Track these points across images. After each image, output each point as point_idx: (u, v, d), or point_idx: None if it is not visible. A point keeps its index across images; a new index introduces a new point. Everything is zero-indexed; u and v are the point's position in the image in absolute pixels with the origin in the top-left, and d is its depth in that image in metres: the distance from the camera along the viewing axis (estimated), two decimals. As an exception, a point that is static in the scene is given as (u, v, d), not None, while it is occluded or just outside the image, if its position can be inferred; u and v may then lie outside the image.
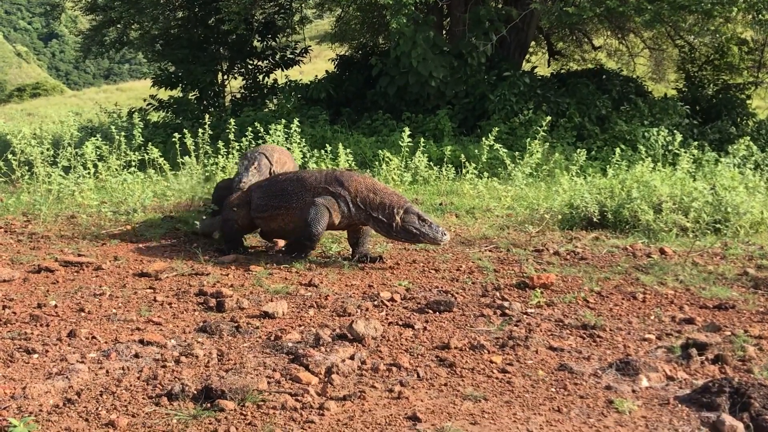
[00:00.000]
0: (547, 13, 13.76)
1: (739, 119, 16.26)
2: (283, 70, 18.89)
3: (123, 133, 11.10)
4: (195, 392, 3.86)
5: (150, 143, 11.18)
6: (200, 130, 10.89)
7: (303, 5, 20.16)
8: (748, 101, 17.39)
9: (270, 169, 8.17)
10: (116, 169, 10.68)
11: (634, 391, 4.10)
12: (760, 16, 11.90)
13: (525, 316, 5.44)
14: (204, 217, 8.51)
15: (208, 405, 3.75)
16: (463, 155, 11.44)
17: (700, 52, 18.71)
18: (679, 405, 3.92)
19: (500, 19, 14.79)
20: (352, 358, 4.49)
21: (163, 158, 10.10)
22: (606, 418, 3.74)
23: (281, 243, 7.75)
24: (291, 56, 19.17)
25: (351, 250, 7.33)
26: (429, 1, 14.36)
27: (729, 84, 17.64)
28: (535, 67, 18.39)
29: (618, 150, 11.03)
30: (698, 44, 19.07)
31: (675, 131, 11.47)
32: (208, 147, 10.70)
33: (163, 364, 4.34)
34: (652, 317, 5.46)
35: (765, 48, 17.90)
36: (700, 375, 4.37)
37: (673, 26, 18.71)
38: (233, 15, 15.05)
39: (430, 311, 5.52)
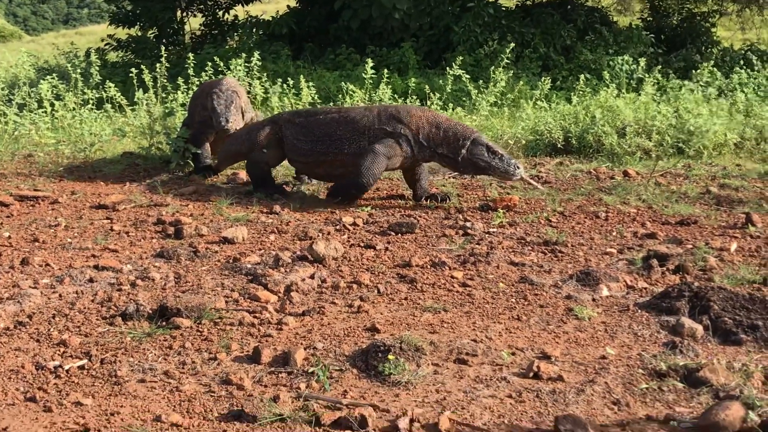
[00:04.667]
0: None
1: (703, 48, 16.20)
2: (243, 5, 18.45)
3: (79, 71, 10.80)
4: (150, 312, 3.79)
5: (108, 81, 10.90)
6: (158, 65, 10.62)
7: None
8: (712, 29, 17.33)
9: (242, 109, 7.81)
10: (73, 108, 10.42)
11: (594, 299, 4.10)
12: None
13: (487, 235, 5.41)
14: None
15: (164, 323, 3.69)
16: (427, 87, 11.29)
17: (665, -19, 18.53)
18: (639, 311, 3.93)
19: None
20: (312, 277, 4.44)
21: (120, 94, 9.85)
22: (565, 325, 3.74)
23: (243, 175, 7.59)
24: (251, -9, 18.70)
25: (410, 189, 6.75)
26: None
27: (694, 13, 17.54)
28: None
29: (582, 77, 10.95)
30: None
31: (640, 59, 11.40)
32: (166, 81, 10.45)
33: (118, 288, 4.26)
34: (614, 233, 5.46)
35: (729, -24, 17.78)
36: (660, 284, 4.38)
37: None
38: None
39: (393, 233, 5.47)
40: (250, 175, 7.02)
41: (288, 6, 17.50)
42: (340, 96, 11.20)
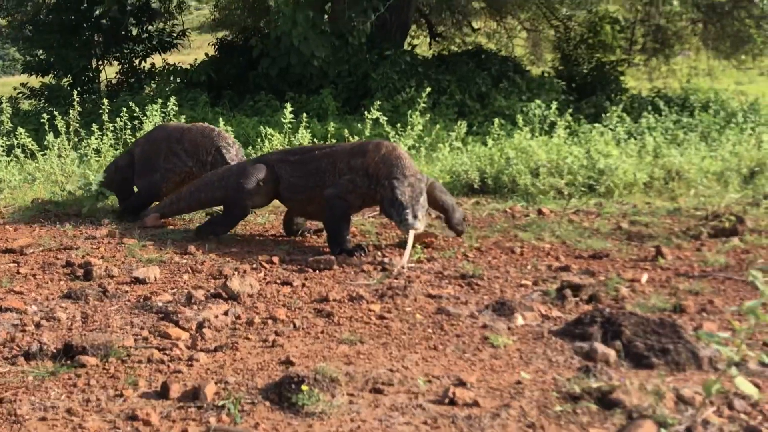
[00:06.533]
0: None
1: (613, 95, 16.79)
2: (160, 53, 18.32)
3: (-11, 118, 10.50)
4: (54, 350, 3.64)
5: (20, 127, 10.62)
6: (71, 110, 10.40)
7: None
8: (621, 78, 17.98)
9: None
10: (-18, 155, 10.10)
11: (509, 328, 4.12)
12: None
13: (405, 270, 5.40)
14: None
15: (68, 362, 3.54)
16: (346, 131, 11.36)
17: (575, 32, 19.22)
18: (554, 338, 3.96)
19: (378, -3, 14.80)
20: (226, 313, 4.34)
21: (31, 139, 9.60)
22: (481, 353, 3.74)
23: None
24: (168, 39, 18.59)
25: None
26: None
27: (603, 62, 18.19)
28: (415, 46, 18.55)
29: (497, 120, 11.19)
30: (573, 25, 19.61)
31: (551, 103, 11.73)
32: (78, 125, 10.23)
33: (22, 329, 4.09)
34: (529, 267, 5.53)
35: (636, 26, 18.55)
36: (574, 313, 4.42)
37: (549, 7, 19.21)
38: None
39: (310, 270, 5.41)
40: (226, 217, 6.63)
41: (206, 54, 17.48)
42: (258, 140, 11.16)
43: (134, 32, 18.58)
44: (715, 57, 18.64)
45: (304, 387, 3.11)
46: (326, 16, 16.15)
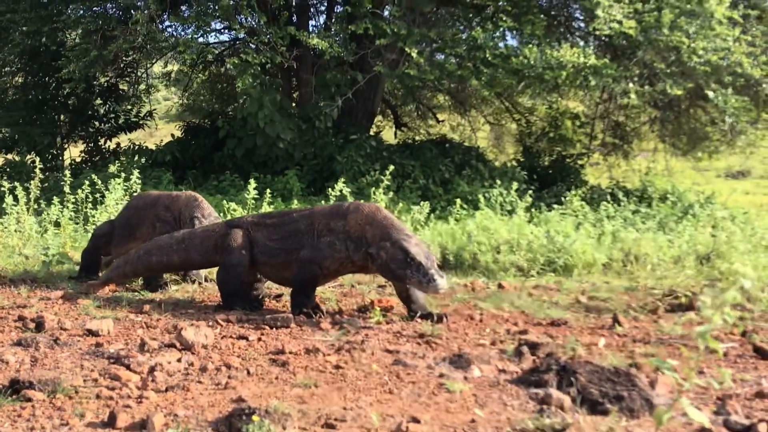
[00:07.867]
0: (390, 77, 14.15)
1: (573, 186, 17.08)
2: (126, 133, 18.39)
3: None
4: (0, 387, 3.53)
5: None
6: (32, 183, 10.34)
7: (148, 73, 19.88)
8: (582, 171, 18.34)
9: None
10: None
11: (466, 378, 4.10)
12: (586, 81, 12.70)
13: (363, 329, 5.37)
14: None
15: (14, 396, 3.44)
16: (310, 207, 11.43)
17: (536, 126, 19.71)
18: (509, 385, 3.95)
19: (346, 84, 15.07)
20: (179, 360, 4.27)
21: (-10, 206, 9.53)
22: (437, 397, 3.71)
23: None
24: (135, 119, 18.70)
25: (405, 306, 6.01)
26: (275, 63, 14.41)
27: (564, 155, 18.58)
28: (380, 131, 18.91)
29: (458, 201, 11.35)
30: (534, 120, 20.12)
31: (512, 185, 11.96)
32: (38, 192, 10.17)
33: (-33, 371, 3.98)
34: (488, 330, 5.53)
35: (595, 122, 19.06)
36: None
37: (511, 101, 19.76)
38: (72, 74, 14.56)
39: (267, 327, 5.35)
40: (226, 284, 6.25)
41: (172, 134, 17.60)
42: (221, 215, 11.16)
43: (101, 111, 18.67)
44: (673, 154, 19.09)
45: (255, 417, 3.05)
46: (294, 104, 16.45)
